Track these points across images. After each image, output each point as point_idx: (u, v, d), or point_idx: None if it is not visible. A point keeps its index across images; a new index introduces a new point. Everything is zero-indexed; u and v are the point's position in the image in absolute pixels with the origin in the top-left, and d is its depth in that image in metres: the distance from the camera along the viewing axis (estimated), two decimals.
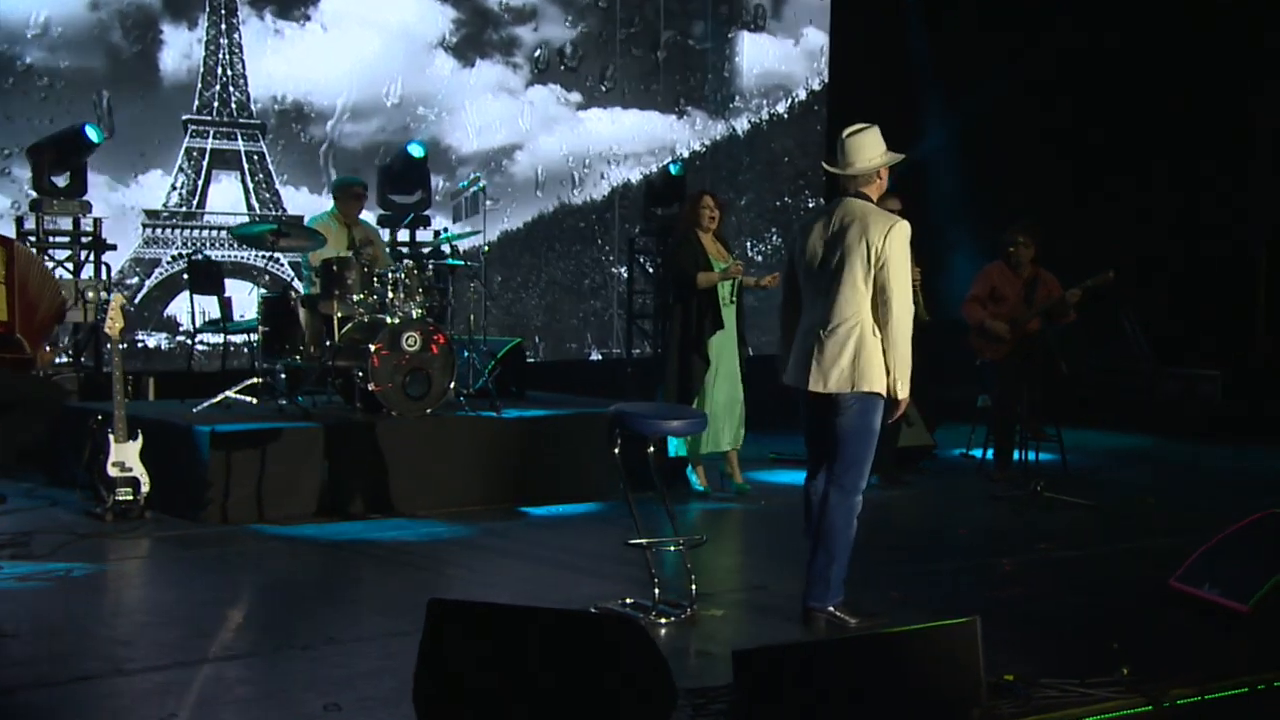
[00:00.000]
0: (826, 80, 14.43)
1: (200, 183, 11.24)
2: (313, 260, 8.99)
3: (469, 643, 4.15)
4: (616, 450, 5.79)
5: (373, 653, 4.92)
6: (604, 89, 13.12)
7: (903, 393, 5.49)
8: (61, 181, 9.85)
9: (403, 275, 8.71)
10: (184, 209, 11.13)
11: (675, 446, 8.79)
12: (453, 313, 9.73)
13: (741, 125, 13.96)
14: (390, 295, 8.66)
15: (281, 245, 8.71)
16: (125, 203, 10.87)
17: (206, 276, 9.13)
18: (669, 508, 5.86)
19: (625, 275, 12.91)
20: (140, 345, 10.97)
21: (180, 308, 10.80)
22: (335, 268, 8.63)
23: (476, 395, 9.21)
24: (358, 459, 8.05)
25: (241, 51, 11.35)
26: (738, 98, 13.91)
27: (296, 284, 9.77)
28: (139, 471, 7.63)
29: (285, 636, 5.24)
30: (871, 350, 5.45)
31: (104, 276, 9.89)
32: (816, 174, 14.43)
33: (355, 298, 8.63)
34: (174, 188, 11.11)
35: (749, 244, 14.03)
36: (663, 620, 5.58)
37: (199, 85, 11.19)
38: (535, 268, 12.88)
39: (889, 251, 5.44)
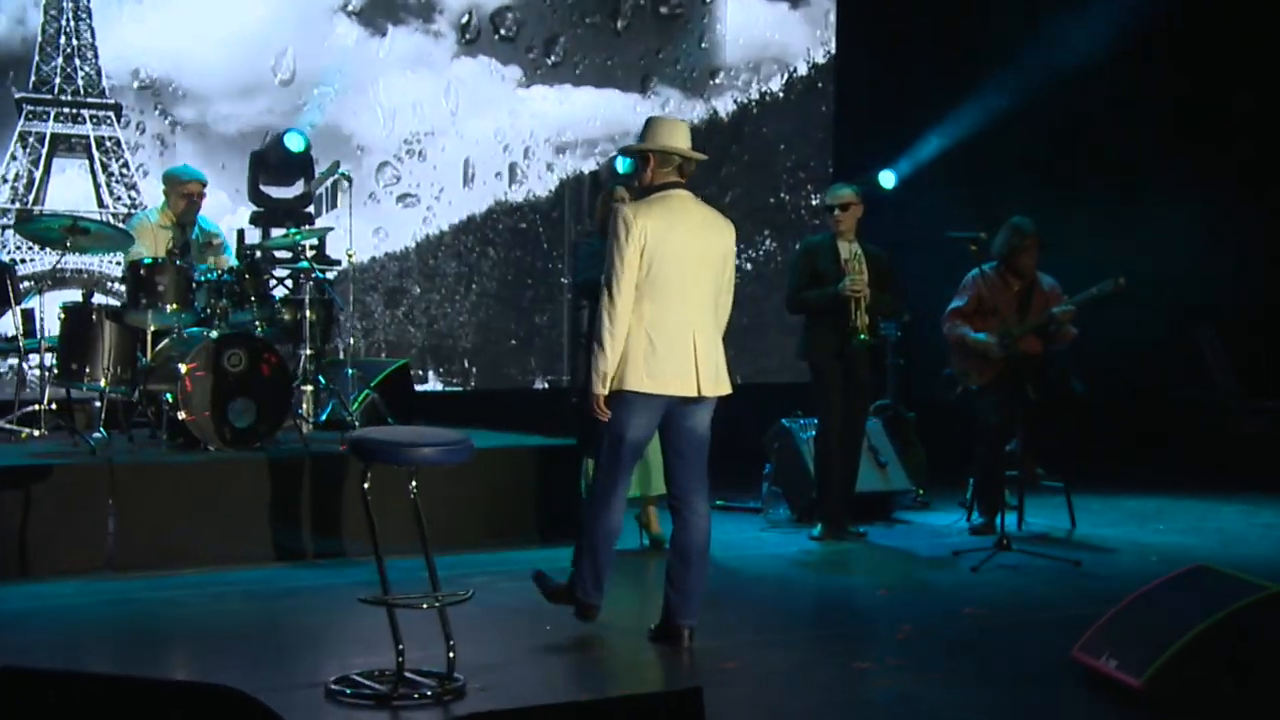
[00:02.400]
0: (833, 51, 14.26)
1: (39, 174, 11.29)
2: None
3: None
4: (366, 486, 5.66)
5: None
6: (550, 62, 13.05)
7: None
8: None
9: (230, 279, 8.66)
10: (18, 205, 11.17)
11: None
12: (318, 329, 9.63)
13: (725, 106, 13.82)
14: (214, 305, 8.61)
15: (78, 245, 8.68)
16: None
17: (2, 286, 9.11)
18: (429, 560, 5.71)
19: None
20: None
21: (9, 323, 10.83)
22: (144, 272, 8.60)
23: (326, 426, 9.14)
24: (153, 504, 7.98)
25: (90, 16, 11.40)
26: (720, 73, 13.78)
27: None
28: None
29: None
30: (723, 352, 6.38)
31: None
32: (820, 164, 14.27)
33: (169, 307, 8.58)
34: (5, 180, 11.17)
35: (738, 249, 13.82)
36: (415, 695, 5.45)
37: (36, 57, 11.25)
38: (463, 278, 12.80)
39: (732, 251, 6.48)
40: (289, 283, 9.63)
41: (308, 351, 9.29)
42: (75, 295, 10.79)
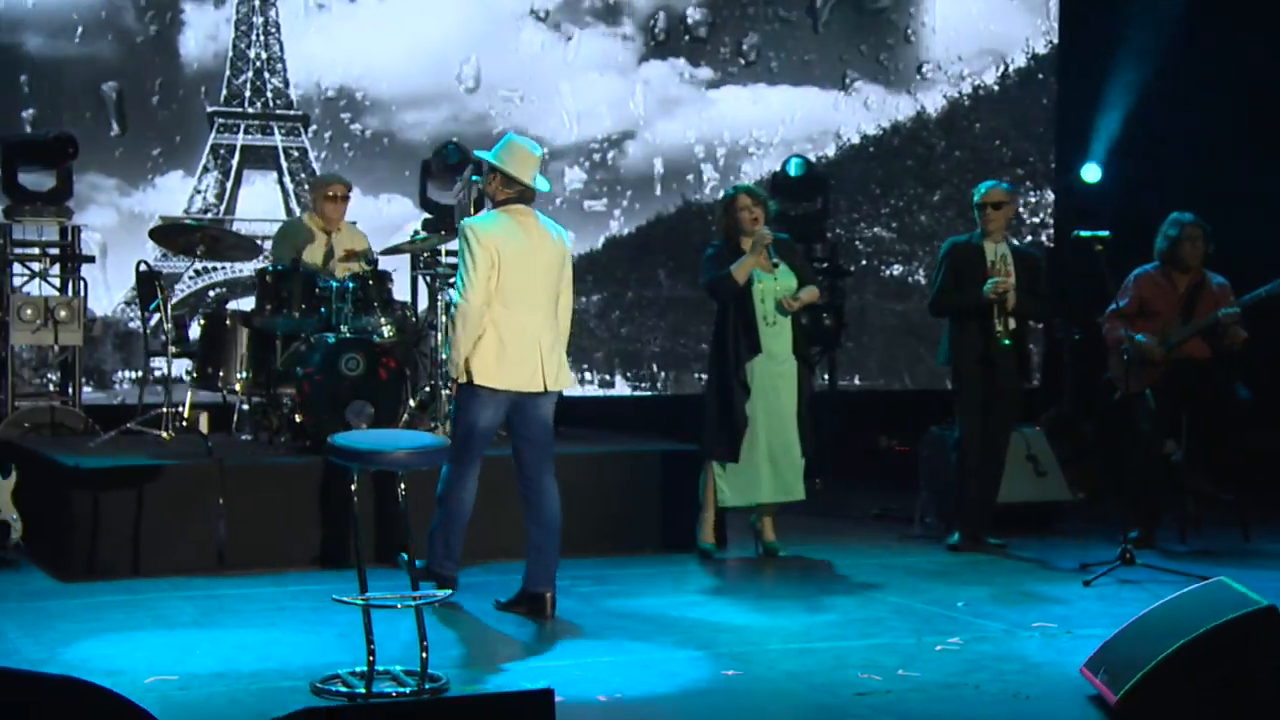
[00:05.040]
0: (1056, 41, 13.98)
1: (229, 185, 11.92)
2: None
3: None
4: (353, 487, 5.89)
5: None
6: (743, 62, 13.14)
7: None
8: (45, 183, 10.61)
9: (353, 286, 9.00)
10: (210, 215, 11.81)
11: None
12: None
13: (934, 101, 13.69)
14: (337, 310, 8.97)
15: (211, 253, 9.16)
16: (141, 209, 11.64)
17: (152, 290, 9.66)
18: (411, 560, 5.91)
19: None
20: (159, 373, 11.68)
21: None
22: (270, 279, 9.02)
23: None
24: (261, 505, 8.36)
25: (278, 31, 11.99)
26: (928, 67, 13.64)
27: None
28: (9, 514, 8.19)
29: None
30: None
31: (78, 292, 10.58)
32: (1042, 161, 14.01)
33: (295, 313, 8.98)
34: (198, 191, 11.83)
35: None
36: (393, 694, 5.64)
37: (227, 72, 11.89)
38: (652, 282, 12.98)
39: (570, 261, 7.32)
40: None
41: (443, 356, 9.59)
42: None
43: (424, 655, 5.71)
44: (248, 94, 11.94)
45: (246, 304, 9.82)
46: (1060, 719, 5.40)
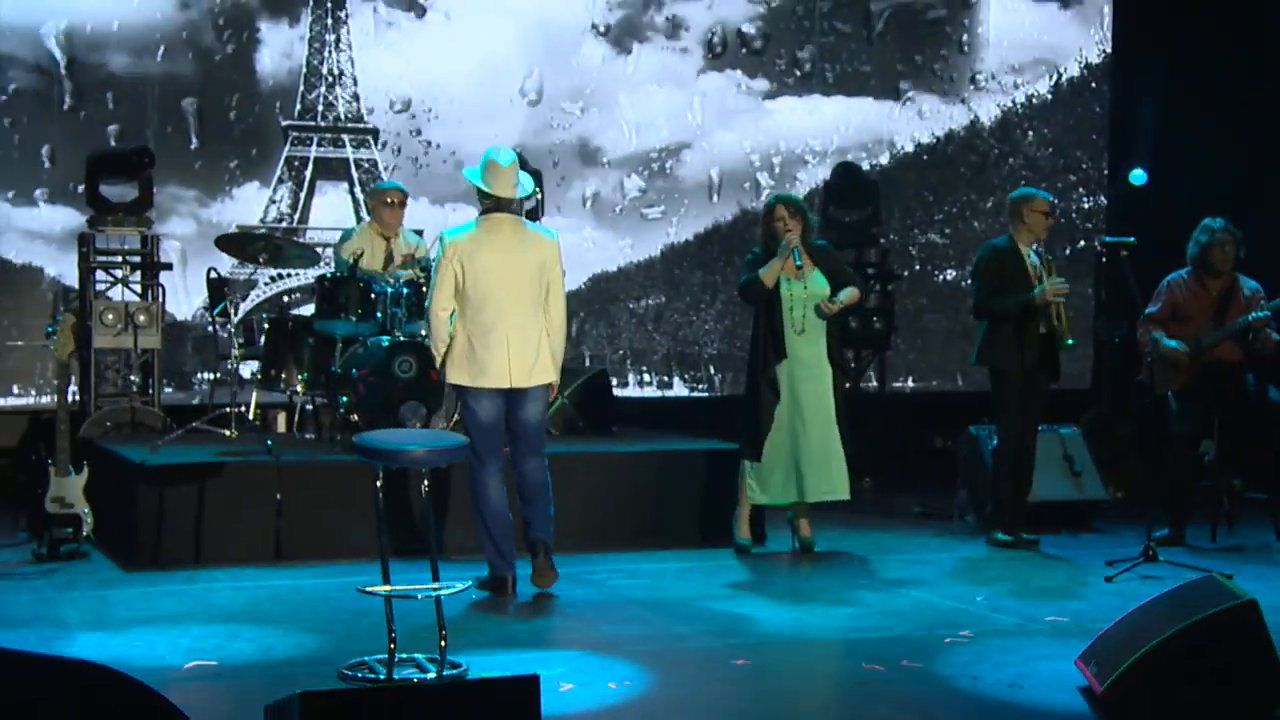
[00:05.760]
0: (1109, 50, 13.96)
1: (303, 195, 12.18)
2: None
3: None
4: (379, 483, 6.05)
5: None
6: (799, 74, 13.23)
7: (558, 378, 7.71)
8: (128, 195, 10.90)
9: (407, 291, 9.19)
10: (284, 224, 12.07)
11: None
12: None
13: (987, 110, 13.71)
14: (391, 314, 9.16)
15: (273, 260, 9.39)
16: (219, 219, 11.91)
17: (221, 296, 9.93)
18: (433, 555, 6.08)
19: None
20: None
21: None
22: (328, 285, 9.23)
23: None
24: (317, 500, 8.58)
25: (350, 48, 12.23)
26: (982, 77, 13.67)
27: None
28: (81, 508, 8.45)
29: None
30: (549, 346, 7.50)
31: (156, 298, 10.86)
32: (1095, 167, 14.00)
33: (352, 317, 9.18)
34: (273, 201, 12.09)
35: None
36: (414, 680, 5.79)
37: (301, 87, 12.14)
38: (710, 287, 13.11)
39: (558, 260, 7.55)
40: None
41: None
42: None
43: (443, 643, 5.87)
44: (320, 108, 12.18)
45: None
46: (1048, 708, 5.45)
